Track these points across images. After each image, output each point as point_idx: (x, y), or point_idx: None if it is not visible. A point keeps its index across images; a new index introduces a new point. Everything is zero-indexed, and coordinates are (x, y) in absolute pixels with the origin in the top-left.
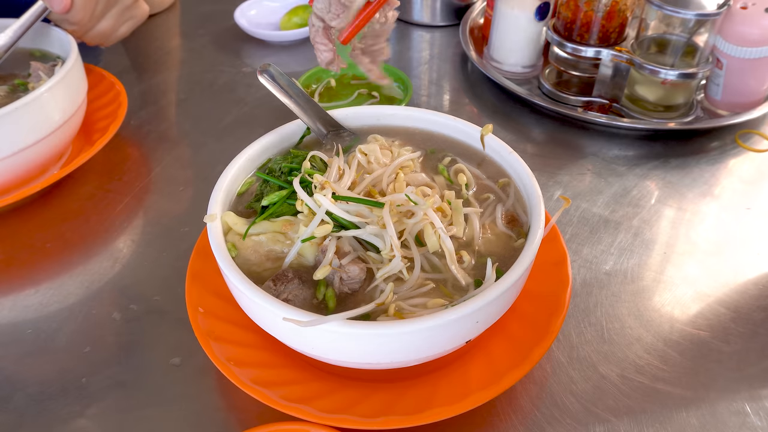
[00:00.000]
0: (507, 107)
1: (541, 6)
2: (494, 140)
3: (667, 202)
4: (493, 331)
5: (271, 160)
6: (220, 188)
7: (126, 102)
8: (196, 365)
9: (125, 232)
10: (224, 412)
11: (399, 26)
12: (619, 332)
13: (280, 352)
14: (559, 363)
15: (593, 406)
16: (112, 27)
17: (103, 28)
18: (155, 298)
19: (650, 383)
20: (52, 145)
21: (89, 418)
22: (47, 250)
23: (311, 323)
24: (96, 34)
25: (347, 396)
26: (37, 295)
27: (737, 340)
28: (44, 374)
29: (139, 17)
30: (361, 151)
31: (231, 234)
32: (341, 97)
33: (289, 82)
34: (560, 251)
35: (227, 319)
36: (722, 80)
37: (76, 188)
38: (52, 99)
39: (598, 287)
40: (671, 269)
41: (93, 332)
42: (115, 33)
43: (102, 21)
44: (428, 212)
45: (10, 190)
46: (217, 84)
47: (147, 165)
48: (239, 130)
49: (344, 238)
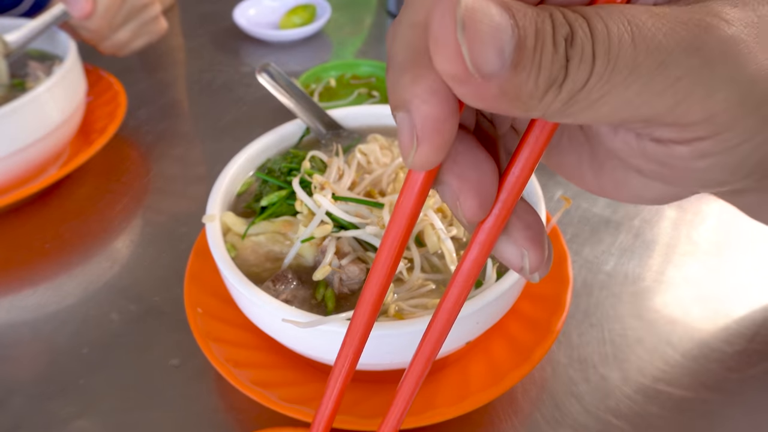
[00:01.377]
0: None
1: None
2: None
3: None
4: (494, 332)
5: (270, 160)
6: (219, 188)
7: (125, 102)
8: (195, 366)
9: (124, 232)
10: (223, 413)
11: None
12: (620, 333)
13: (280, 353)
14: (559, 364)
15: (594, 408)
16: (128, 39)
17: (120, 38)
18: (154, 298)
19: (651, 384)
20: (51, 146)
21: (88, 419)
22: (45, 250)
23: (311, 324)
24: (112, 44)
25: (347, 396)
26: (36, 296)
27: (739, 341)
28: (42, 375)
29: (156, 33)
30: (360, 151)
31: (230, 234)
32: (341, 96)
33: (288, 81)
34: (561, 251)
35: (226, 319)
36: None
37: (74, 189)
38: (50, 99)
39: (598, 288)
40: (672, 270)
41: (91, 333)
42: (131, 45)
43: (120, 32)
44: (428, 213)
45: (8, 190)
46: (215, 84)
47: (146, 165)
48: (238, 129)
49: (344, 239)
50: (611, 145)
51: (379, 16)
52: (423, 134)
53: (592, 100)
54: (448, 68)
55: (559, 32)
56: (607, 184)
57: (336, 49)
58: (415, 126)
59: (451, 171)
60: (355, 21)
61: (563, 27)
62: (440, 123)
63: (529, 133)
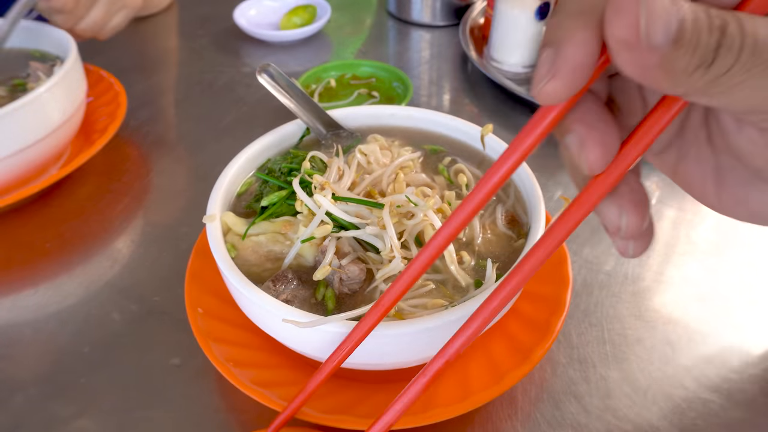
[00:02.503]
0: (507, 107)
1: (542, 6)
2: (494, 140)
3: (668, 203)
4: (494, 332)
5: (270, 161)
6: (220, 188)
7: (125, 102)
8: (195, 366)
9: (124, 232)
10: (224, 413)
11: (399, 26)
12: (620, 333)
13: (280, 353)
14: (559, 364)
15: (594, 408)
16: (103, 17)
17: (95, 18)
18: (155, 298)
19: (651, 384)
20: (52, 146)
21: (88, 418)
22: (46, 250)
23: (311, 324)
24: (88, 25)
25: (347, 396)
26: (37, 296)
27: (739, 341)
28: (43, 374)
29: (132, 8)
30: (360, 151)
31: (230, 234)
32: (341, 97)
33: (288, 82)
34: (560, 251)
35: (227, 319)
36: None
37: (75, 189)
38: (51, 99)
39: (598, 288)
40: (672, 270)
41: (92, 333)
42: (109, 23)
43: (93, 10)
44: (428, 213)
45: (9, 190)
46: (216, 84)
47: (146, 165)
48: (238, 130)
49: (344, 239)
50: (736, 143)
51: (379, 16)
52: (560, 70)
53: (731, 85)
54: (622, 33)
55: (714, 23)
56: (728, 199)
57: (336, 49)
58: (556, 61)
59: (581, 120)
60: (356, 21)
61: (717, 19)
62: (578, 67)
63: (657, 108)
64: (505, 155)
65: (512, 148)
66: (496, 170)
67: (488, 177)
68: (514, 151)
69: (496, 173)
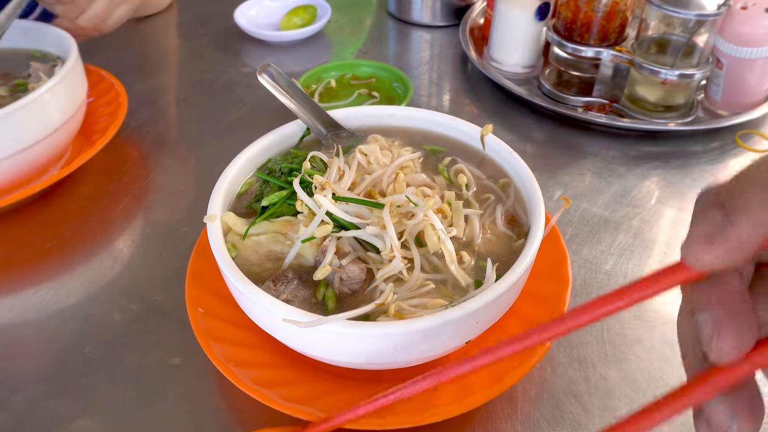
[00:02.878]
0: (507, 107)
1: (541, 6)
2: (494, 140)
3: (668, 203)
4: (493, 332)
5: (270, 161)
6: (220, 188)
7: (126, 102)
8: (196, 365)
9: (125, 232)
10: (225, 413)
11: (399, 26)
12: (620, 333)
13: (280, 353)
14: (559, 363)
15: (593, 407)
16: (105, 9)
17: (98, 10)
18: (155, 298)
19: (650, 383)
20: (52, 146)
21: (89, 417)
22: (47, 250)
23: (311, 324)
24: (90, 18)
25: (347, 396)
26: (37, 296)
27: None
28: (44, 374)
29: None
30: (361, 151)
31: (231, 234)
32: (341, 97)
33: (288, 82)
34: (560, 251)
35: (227, 319)
36: (722, 80)
37: (76, 189)
38: (52, 99)
39: (598, 287)
40: None
41: (93, 332)
42: (112, 17)
43: (95, 2)
44: (428, 214)
45: (10, 190)
46: (216, 84)
47: (146, 165)
48: (239, 130)
49: (344, 239)
50: None
51: (380, 16)
52: (729, 240)
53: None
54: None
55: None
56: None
57: (336, 49)
58: (725, 228)
59: (722, 303)
60: (356, 22)
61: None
62: (746, 243)
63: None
64: (616, 295)
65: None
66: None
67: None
68: (622, 296)
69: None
